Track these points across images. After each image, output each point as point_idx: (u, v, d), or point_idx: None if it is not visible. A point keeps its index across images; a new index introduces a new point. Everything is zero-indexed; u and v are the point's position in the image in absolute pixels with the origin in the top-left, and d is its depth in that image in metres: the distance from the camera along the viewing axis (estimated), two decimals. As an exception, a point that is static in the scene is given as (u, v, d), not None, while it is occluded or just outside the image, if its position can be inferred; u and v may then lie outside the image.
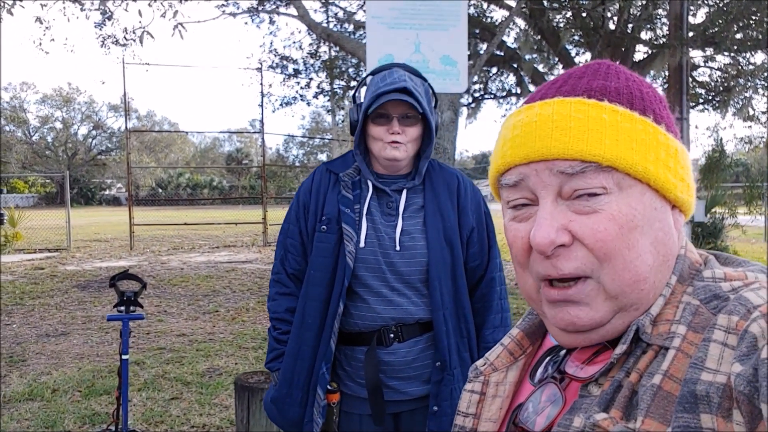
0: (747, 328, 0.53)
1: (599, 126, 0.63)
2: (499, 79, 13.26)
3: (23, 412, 4.23)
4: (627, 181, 0.63)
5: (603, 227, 0.62)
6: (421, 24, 3.89)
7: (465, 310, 1.88)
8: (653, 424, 0.54)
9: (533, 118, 0.66)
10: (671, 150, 0.66)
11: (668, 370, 0.57)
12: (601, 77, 0.67)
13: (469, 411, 0.73)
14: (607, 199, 0.62)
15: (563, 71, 0.72)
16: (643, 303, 0.64)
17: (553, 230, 0.62)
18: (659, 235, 0.64)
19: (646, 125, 0.64)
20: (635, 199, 0.63)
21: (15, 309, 7.76)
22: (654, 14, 10.14)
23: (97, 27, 10.52)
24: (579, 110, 0.64)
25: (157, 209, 36.89)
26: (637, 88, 0.67)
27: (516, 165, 0.66)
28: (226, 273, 10.97)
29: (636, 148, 0.63)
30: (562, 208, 0.64)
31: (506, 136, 0.69)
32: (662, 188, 0.65)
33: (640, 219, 0.63)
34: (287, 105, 13.28)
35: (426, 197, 1.88)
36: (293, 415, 1.89)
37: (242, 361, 5.46)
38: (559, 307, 0.64)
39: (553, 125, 0.64)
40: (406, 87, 1.76)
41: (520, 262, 0.68)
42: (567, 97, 0.66)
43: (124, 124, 18.90)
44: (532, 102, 0.69)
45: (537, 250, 0.63)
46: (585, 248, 0.62)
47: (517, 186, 0.67)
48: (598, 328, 0.64)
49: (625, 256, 0.62)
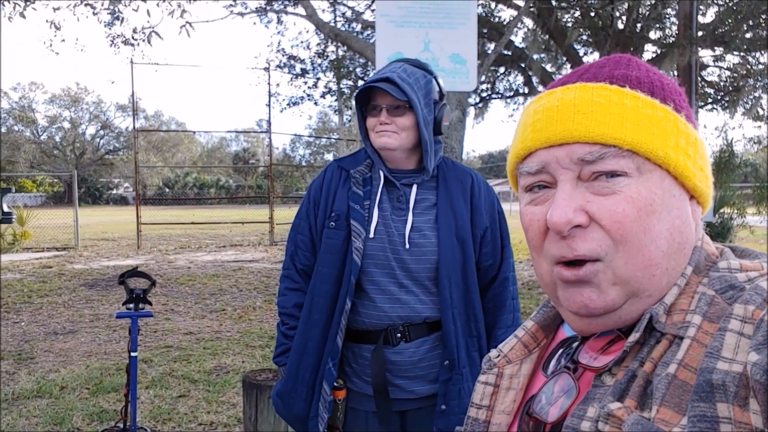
0: (763, 318, 0.53)
1: (621, 110, 0.63)
2: (507, 78, 13.24)
3: (32, 409, 4.25)
4: (647, 166, 0.63)
5: (621, 208, 0.62)
6: (430, 22, 3.88)
7: (475, 309, 1.86)
8: (668, 413, 0.54)
9: (555, 102, 0.66)
10: (691, 139, 0.66)
11: (683, 359, 0.56)
12: (623, 67, 0.68)
13: (482, 403, 0.73)
14: (627, 181, 0.62)
15: (571, 71, 0.73)
16: (655, 290, 0.63)
17: (570, 210, 0.62)
18: (676, 222, 0.64)
19: (666, 113, 0.64)
20: (655, 183, 0.63)
21: (23, 307, 7.80)
22: (663, 13, 10.10)
23: (107, 27, 10.58)
24: (601, 95, 0.64)
25: (165, 208, 36.99)
26: (658, 79, 0.67)
27: (537, 149, 0.66)
28: (232, 272, 10.99)
29: (657, 133, 0.63)
30: (581, 190, 0.63)
31: (527, 122, 0.68)
32: (681, 175, 0.64)
33: (659, 204, 0.63)
34: (294, 105, 13.32)
35: (439, 194, 1.87)
36: (298, 410, 1.90)
37: (249, 360, 5.46)
38: (572, 288, 0.64)
39: (575, 109, 0.64)
40: (389, 77, 1.76)
41: (535, 246, 0.68)
42: (589, 82, 0.66)
43: (132, 124, 18.99)
44: (553, 88, 0.69)
45: (554, 229, 0.63)
46: (602, 230, 0.62)
47: (536, 174, 0.66)
48: (610, 312, 0.64)
49: (640, 240, 0.62)
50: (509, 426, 0.71)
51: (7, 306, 7.83)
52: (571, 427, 0.60)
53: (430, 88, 1.84)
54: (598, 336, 0.67)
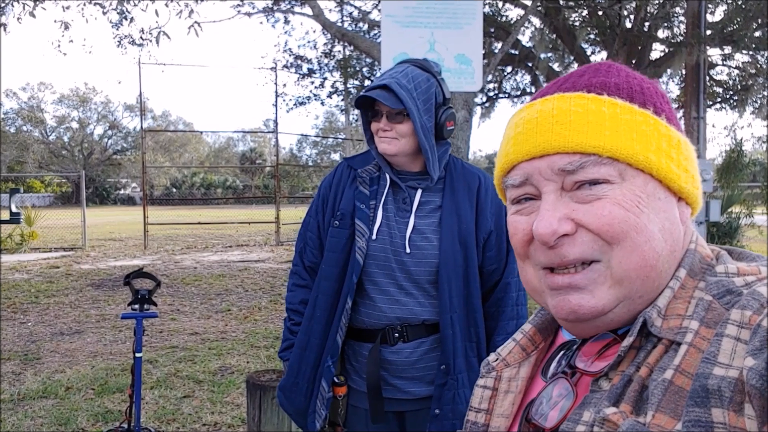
0: (760, 323, 0.53)
1: (598, 118, 0.64)
2: (514, 78, 13.22)
3: (37, 409, 4.26)
4: (629, 172, 0.63)
5: (607, 211, 0.62)
6: (435, 22, 3.87)
7: (476, 314, 1.85)
8: (664, 419, 0.54)
9: (534, 114, 0.67)
10: (673, 141, 0.66)
11: (680, 365, 0.56)
12: (602, 74, 0.68)
13: (481, 406, 0.73)
14: (610, 187, 0.63)
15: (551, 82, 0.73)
16: (648, 293, 0.63)
17: (555, 220, 0.62)
18: (666, 224, 0.64)
19: (646, 116, 0.65)
20: (639, 188, 0.63)
21: (30, 307, 7.83)
22: (671, 12, 10.04)
23: (114, 27, 10.61)
24: (578, 104, 0.65)
25: (172, 209, 37.14)
26: (637, 84, 0.68)
27: (519, 162, 0.67)
28: (238, 272, 11.01)
29: (637, 138, 0.64)
30: (565, 200, 0.64)
31: (509, 135, 0.70)
32: (665, 178, 0.65)
33: (645, 206, 0.63)
34: (301, 104, 13.34)
35: (444, 196, 1.86)
36: (299, 404, 1.92)
37: (254, 360, 5.46)
38: (561, 295, 0.64)
39: (554, 120, 0.65)
40: (387, 84, 1.75)
41: (519, 254, 0.68)
42: (567, 92, 0.67)
43: (140, 124, 19.06)
44: (533, 101, 0.70)
45: (540, 240, 0.63)
46: (590, 234, 0.63)
47: (521, 187, 0.67)
48: (600, 317, 0.64)
49: (634, 239, 0.62)
50: (508, 429, 0.71)
51: (14, 306, 7.86)
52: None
53: (432, 92, 1.81)
54: (595, 340, 0.67)
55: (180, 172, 55.91)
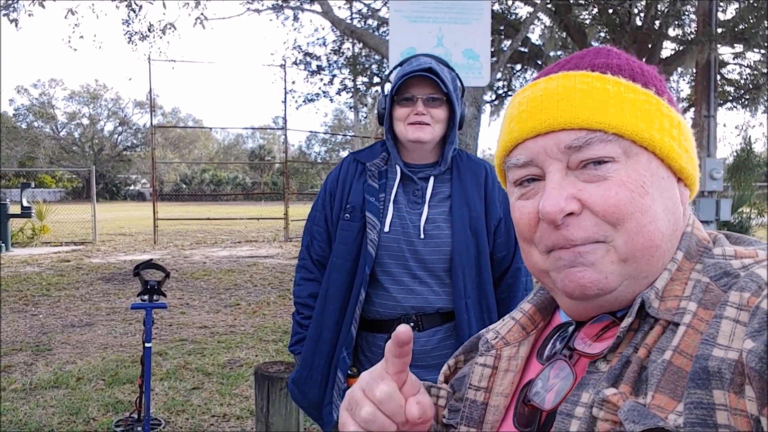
0: (758, 305, 0.53)
1: (603, 96, 0.64)
2: (524, 76, 13.14)
3: (48, 399, 4.31)
4: (633, 149, 0.64)
5: (614, 192, 0.62)
6: (443, 17, 3.88)
7: (489, 300, 1.87)
8: (663, 399, 0.54)
9: (538, 92, 0.67)
10: (675, 121, 0.67)
11: (679, 345, 0.56)
12: (603, 56, 0.69)
13: (480, 385, 0.73)
14: (615, 167, 0.63)
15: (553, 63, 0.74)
16: (652, 273, 0.63)
17: (561, 198, 0.62)
18: (669, 204, 0.65)
19: (649, 96, 0.66)
20: (643, 166, 0.64)
21: (41, 300, 7.91)
22: (682, 10, 9.97)
23: (125, 24, 10.67)
24: (583, 82, 0.65)
25: (181, 204, 37.26)
26: (638, 66, 0.69)
27: (523, 140, 0.67)
28: (247, 267, 11.06)
29: (641, 116, 0.64)
30: (570, 179, 0.64)
31: (512, 114, 0.69)
32: (668, 156, 0.65)
33: (650, 185, 0.63)
34: (310, 102, 13.32)
35: (453, 186, 1.88)
36: (313, 397, 1.93)
37: (262, 354, 5.50)
38: (568, 269, 0.64)
39: (559, 97, 0.65)
40: (431, 67, 1.77)
41: (525, 238, 0.68)
42: (571, 71, 0.68)
43: (150, 121, 19.13)
44: (536, 80, 0.70)
45: (546, 219, 0.63)
46: (595, 216, 0.63)
47: (525, 167, 0.67)
48: (606, 295, 0.64)
49: (638, 220, 0.62)
50: (506, 408, 0.71)
51: (26, 299, 7.94)
52: (566, 413, 0.60)
53: (456, 83, 1.87)
54: (593, 322, 0.67)
55: (189, 168, 56.09)
